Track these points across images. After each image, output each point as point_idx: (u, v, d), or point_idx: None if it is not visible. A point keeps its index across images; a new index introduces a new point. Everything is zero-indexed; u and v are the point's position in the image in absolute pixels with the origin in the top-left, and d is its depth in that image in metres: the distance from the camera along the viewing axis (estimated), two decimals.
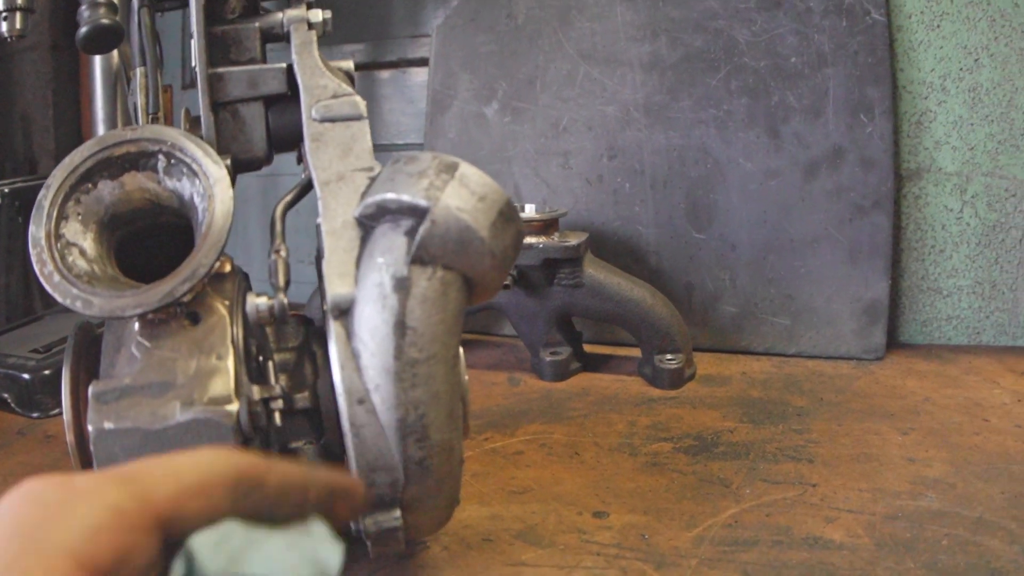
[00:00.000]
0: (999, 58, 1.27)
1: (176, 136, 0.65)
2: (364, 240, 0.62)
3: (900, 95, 1.30)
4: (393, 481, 0.60)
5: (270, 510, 0.42)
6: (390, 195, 0.60)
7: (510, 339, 1.37)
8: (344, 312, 0.60)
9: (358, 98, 0.72)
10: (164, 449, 0.56)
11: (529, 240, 1.15)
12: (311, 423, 0.67)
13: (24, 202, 1.76)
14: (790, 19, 1.27)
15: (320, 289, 0.66)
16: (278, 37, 0.80)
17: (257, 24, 0.79)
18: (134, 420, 0.57)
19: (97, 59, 1.53)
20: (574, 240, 1.15)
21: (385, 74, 1.64)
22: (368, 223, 0.62)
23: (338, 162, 0.67)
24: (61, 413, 0.64)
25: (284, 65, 0.77)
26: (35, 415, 1.11)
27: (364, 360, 0.58)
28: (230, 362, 0.60)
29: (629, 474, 0.91)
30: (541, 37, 1.39)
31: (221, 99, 0.76)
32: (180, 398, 0.58)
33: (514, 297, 1.19)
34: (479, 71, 1.44)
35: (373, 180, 0.65)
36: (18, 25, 1.29)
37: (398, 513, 0.63)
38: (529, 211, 1.24)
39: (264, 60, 0.80)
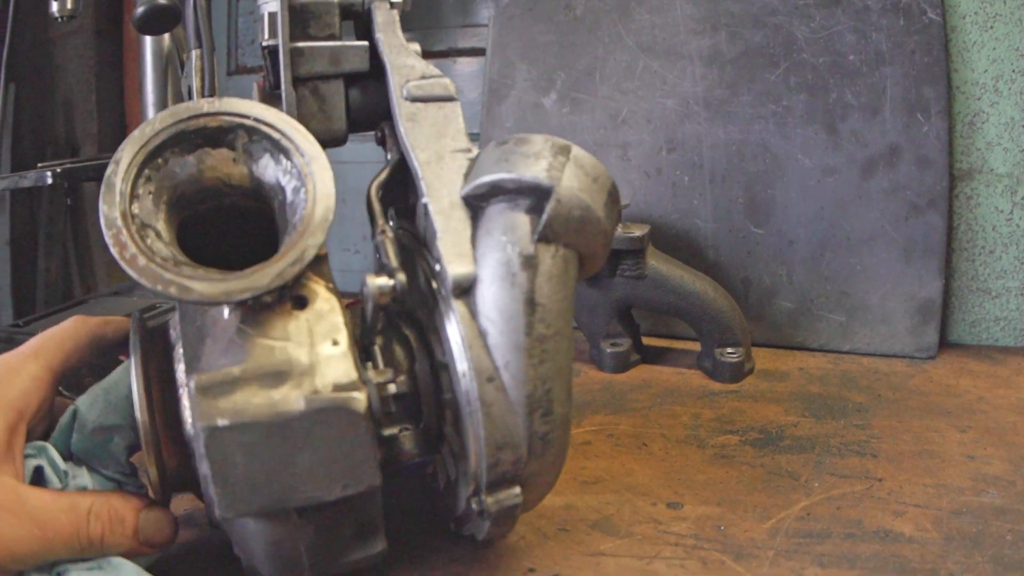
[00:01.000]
0: None
1: (262, 110, 0.62)
2: (475, 219, 0.63)
3: (954, 95, 1.30)
4: (517, 458, 0.61)
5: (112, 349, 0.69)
6: (507, 175, 0.61)
7: None
8: (466, 291, 0.60)
9: (448, 79, 0.73)
10: (289, 444, 0.55)
11: None
12: (405, 409, 0.67)
13: (70, 186, 1.77)
14: (848, 16, 1.28)
15: (413, 269, 0.66)
16: (357, 15, 0.79)
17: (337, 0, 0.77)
18: (253, 414, 0.54)
19: (148, 42, 1.52)
20: (638, 232, 1.16)
21: (438, 63, 1.63)
22: (477, 203, 0.64)
23: (435, 142, 0.68)
24: None
25: (366, 43, 0.77)
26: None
27: (492, 338, 0.59)
28: (347, 347, 0.59)
29: (699, 466, 0.92)
30: (600, 28, 1.40)
31: (301, 75, 0.74)
32: (301, 387, 0.55)
33: (576, 287, 1.20)
34: (537, 61, 1.44)
35: (474, 161, 0.67)
36: (69, 4, 1.30)
37: (519, 490, 0.64)
38: None
39: (342, 37, 0.79)
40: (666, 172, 1.37)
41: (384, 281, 0.61)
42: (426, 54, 1.60)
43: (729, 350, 1.17)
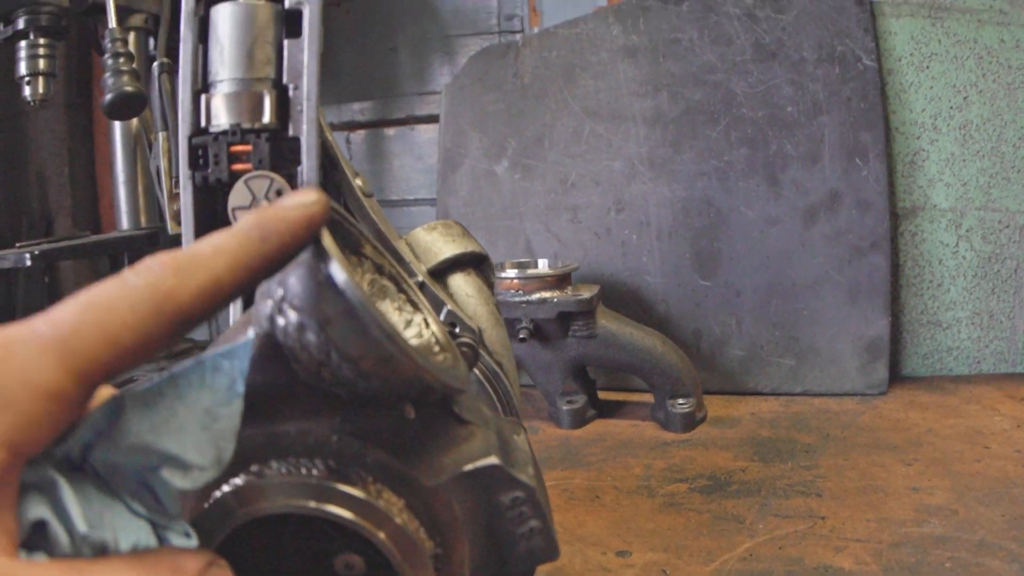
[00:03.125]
0: (987, 94, 1.32)
1: None
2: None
3: (893, 136, 1.34)
4: None
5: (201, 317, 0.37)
6: (463, 251, 0.76)
7: (527, 388, 1.41)
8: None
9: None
10: None
11: (544, 294, 1.21)
12: None
13: (49, 265, 1.78)
14: (785, 69, 1.32)
15: None
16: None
17: None
18: None
19: (117, 122, 1.55)
20: (587, 293, 1.20)
21: (393, 131, 1.68)
22: (437, 274, 0.75)
23: (389, 230, 0.74)
24: None
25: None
26: None
27: (505, 365, 0.74)
28: None
29: (648, 514, 0.95)
30: (547, 95, 1.44)
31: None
32: None
33: (530, 349, 1.24)
34: (488, 129, 1.48)
35: (409, 244, 0.75)
36: (41, 90, 1.34)
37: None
38: (542, 266, 1.29)
39: None
40: (615, 232, 1.41)
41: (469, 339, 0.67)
42: (385, 122, 1.72)
43: (680, 401, 1.21)
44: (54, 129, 1.87)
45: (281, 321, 0.42)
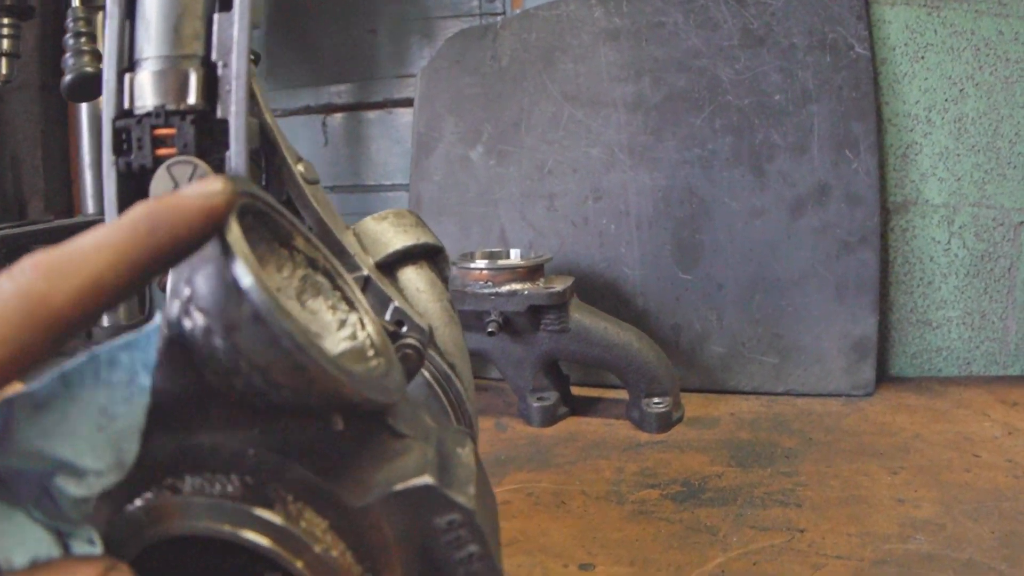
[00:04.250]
0: (984, 87, 1.28)
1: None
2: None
3: (886, 128, 1.30)
4: None
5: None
6: (414, 242, 0.69)
7: (497, 382, 1.36)
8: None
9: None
10: None
11: (514, 286, 1.16)
12: None
13: (11, 249, 1.73)
14: (774, 56, 1.28)
15: None
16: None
17: None
18: None
19: (83, 104, 1.54)
20: (559, 286, 1.15)
21: (371, 114, 1.64)
22: (386, 267, 0.70)
23: (335, 221, 0.69)
24: None
25: (256, 120, 0.74)
26: None
27: (458, 368, 0.72)
28: None
29: (616, 523, 0.90)
30: (525, 79, 1.40)
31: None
32: None
33: (500, 343, 1.19)
34: (464, 113, 1.44)
35: (358, 235, 0.69)
36: (4, 70, 1.30)
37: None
38: (514, 256, 1.25)
39: None
40: (593, 221, 1.36)
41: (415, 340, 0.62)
42: (364, 105, 1.67)
43: (656, 400, 1.16)
44: (28, 111, 1.84)
45: (188, 324, 0.38)
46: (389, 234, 0.69)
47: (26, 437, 0.33)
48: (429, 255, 0.70)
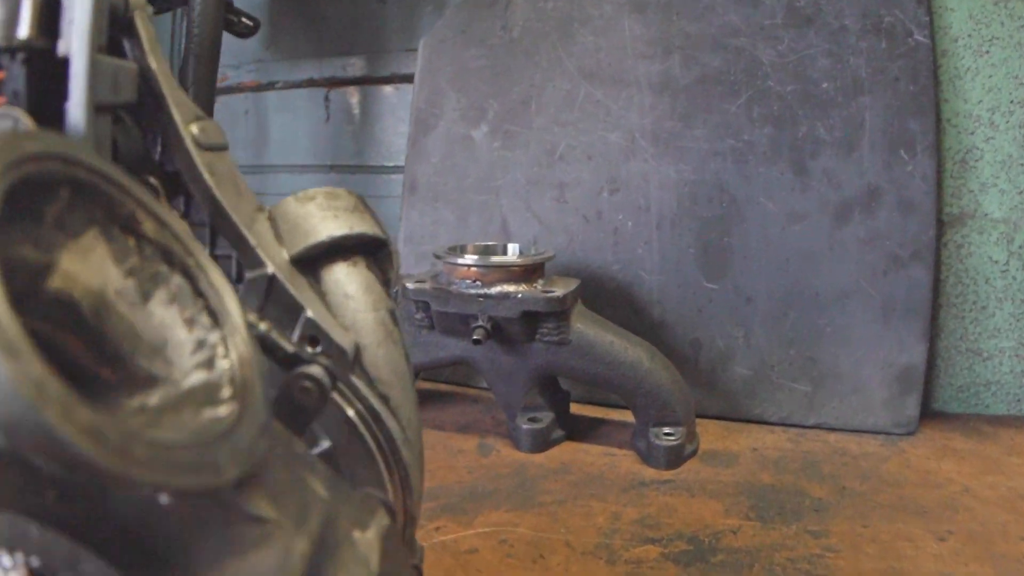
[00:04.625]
0: None
1: None
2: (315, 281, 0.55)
3: (944, 129, 1.18)
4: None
5: None
6: (347, 231, 0.54)
7: (487, 392, 1.21)
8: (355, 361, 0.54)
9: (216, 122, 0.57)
10: None
11: (507, 288, 1.00)
12: None
13: None
14: (822, 39, 1.15)
15: None
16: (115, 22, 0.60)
17: None
18: None
19: None
20: (560, 290, 0.99)
21: (378, 90, 1.55)
22: (308, 264, 0.54)
23: (238, 200, 0.54)
24: None
25: (135, 66, 0.58)
26: None
27: (394, 401, 0.56)
28: None
29: None
30: (538, 52, 1.27)
31: None
32: None
33: (488, 353, 1.04)
34: (468, 89, 1.31)
35: (274, 220, 0.55)
36: None
37: None
38: (511, 253, 1.10)
39: None
40: (607, 216, 1.22)
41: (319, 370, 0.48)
42: (369, 80, 1.58)
43: (667, 430, 1.00)
44: None
45: None
46: (314, 220, 0.53)
47: None
48: (368, 250, 0.55)
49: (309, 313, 0.50)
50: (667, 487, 0.94)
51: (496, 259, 1.04)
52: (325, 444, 0.52)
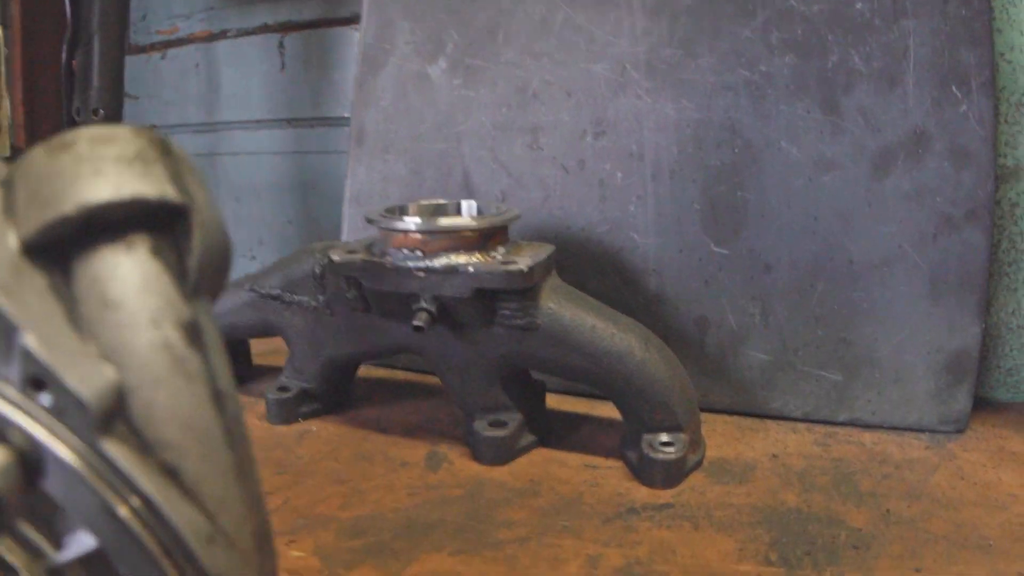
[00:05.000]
0: None
1: None
2: (62, 281, 0.38)
3: (998, 65, 1.05)
4: None
5: None
6: (113, 196, 0.37)
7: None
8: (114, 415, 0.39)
9: None
10: None
11: (455, 259, 0.81)
12: None
13: None
14: None
15: None
16: None
17: None
18: None
19: None
20: (524, 261, 0.80)
21: (338, 32, 1.50)
22: (53, 253, 0.39)
23: None
24: None
25: None
26: None
27: (189, 475, 0.39)
28: None
29: None
30: None
31: None
32: None
33: (436, 341, 0.84)
34: (423, 18, 1.18)
35: (9, 183, 0.39)
36: None
37: None
38: (465, 213, 0.92)
39: None
40: (591, 166, 1.08)
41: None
42: (326, 22, 1.40)
43: (664, 438, 0.81)
44: None
45: None
46: (66, 178, 0.36)
47: None
48: (156, 223, 0.36)
49: (27, 338, 0.34)
50: (663, 515, 0.74)
51: (443, 222, 0.83)
52: (87, 543, 0.33)
